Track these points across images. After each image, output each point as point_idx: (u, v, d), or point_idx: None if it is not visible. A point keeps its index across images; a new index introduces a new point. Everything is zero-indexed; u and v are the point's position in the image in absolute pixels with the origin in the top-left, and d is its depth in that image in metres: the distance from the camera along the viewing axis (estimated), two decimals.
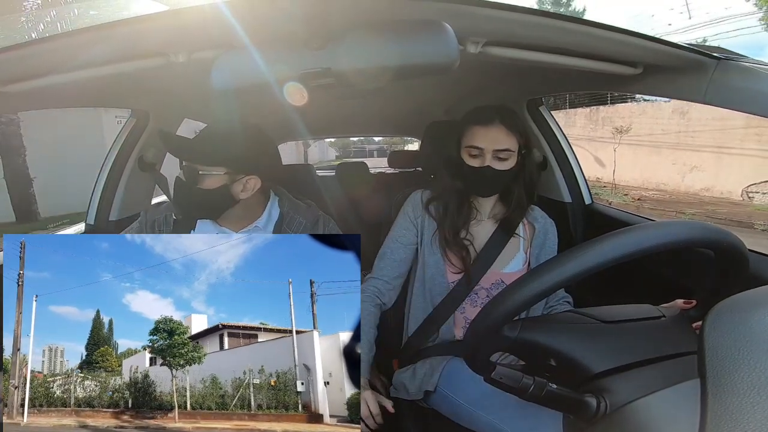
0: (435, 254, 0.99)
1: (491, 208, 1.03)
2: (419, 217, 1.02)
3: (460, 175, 0.97)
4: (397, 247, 1.02)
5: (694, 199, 8.54)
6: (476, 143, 0.93)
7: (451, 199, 0.99)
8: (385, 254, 1.03)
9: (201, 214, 0.94)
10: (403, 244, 1.02)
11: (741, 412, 0.33)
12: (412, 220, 1.02)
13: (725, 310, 0.39)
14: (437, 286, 0.99)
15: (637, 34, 0.68)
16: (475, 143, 0.93)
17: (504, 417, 0.77)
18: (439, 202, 1.01)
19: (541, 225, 1.04)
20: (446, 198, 0.99)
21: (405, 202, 1.06)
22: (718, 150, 8.35)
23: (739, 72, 0.70)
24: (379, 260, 1.03)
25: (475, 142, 0.93)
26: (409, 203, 1.04)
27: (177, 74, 0.98)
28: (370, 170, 2.81)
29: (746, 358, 0.35)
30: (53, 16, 0.77)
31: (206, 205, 0.89)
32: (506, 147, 0.92)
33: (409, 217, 1.02)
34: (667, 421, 0.40)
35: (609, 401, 0.43)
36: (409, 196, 1.06)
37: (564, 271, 0.46)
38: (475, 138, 0.93)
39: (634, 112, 10.30)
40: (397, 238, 1.02)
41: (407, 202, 1.05)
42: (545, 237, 1.03)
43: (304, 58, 0.64)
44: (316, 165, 3.98)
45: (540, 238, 1.03)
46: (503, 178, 0.94)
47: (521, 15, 0.63)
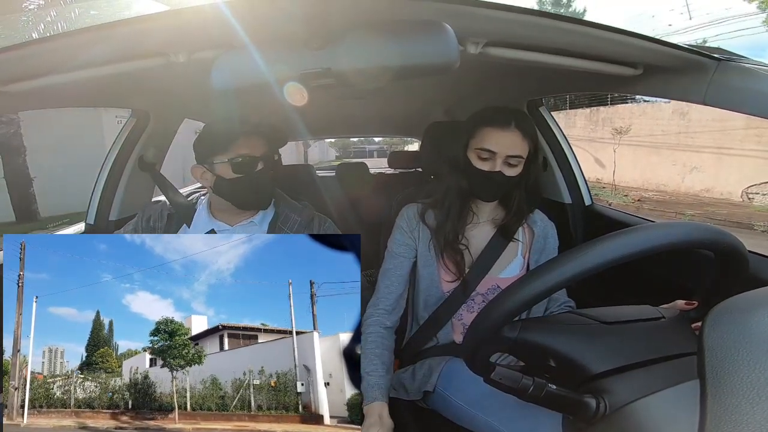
0: (430, 266, 0.97)
1: (490, 212, 1.01)
2: (414, 229, 0.99)
3: (465, 177, 0.93)
4: (400, 263, 0.98)
5: (694, 200, 8.54)
6: (489, 146, 0.88)
7: (451, 202, 0.96)
8: (389, 270, 0.99)
9: (261, 198, 0.98)
10: (407, 257, 0.99)
11: (740, 413, 0.33)
12: (408, 233, 0.99)
13: (725, 311, 0.39)
14: (431, 297, 0.98)
15: (638, 35, 0.68)
16: (488, 146, 0.88)
17: (502, 418, 0.76)
18: (436, 207, 0.98)
19: (540, 229, 1.01)
20: (446, 200, 0.96)
21: (398, 217, 1.02)
22: (718, 151, 8.36)
23: (739, 73, 0.70)
24: (383, 278, 0.99)
25: (488, 145, 0.88)
26: (403, 218, 1.01)
27: (177, 74, 0.98)
28: (370, 171, 2.81)
29: (746, 358, 0.35)
30: (54, 16, 0.78)
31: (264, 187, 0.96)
32: (519, 153, 0.89)
33: (404, 231, 0.99)
34: (667, 422, 0.40)
35: (608, 402, 0.43)
36: (402, 211, 1.02)
37: (564, 272, 0.46)
38: (487, 141, 0.89)
39: (634, 113, 10.30)
40: (397, 254, 0.99)
41: (401, 216, 1.02)
42: (545, 241, 1.01)
43: (304, 58, 0.64)
44: (316, 165, 3.98)
45: (540, 242, 1.00)
46: (510, 184, 0.92)
47: (521, 15, 0.63)
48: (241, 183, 0.91)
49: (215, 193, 0.95)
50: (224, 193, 0.93)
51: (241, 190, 0.92)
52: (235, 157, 0.90)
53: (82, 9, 0.76)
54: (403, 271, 0.98)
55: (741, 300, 0.40)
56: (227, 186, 0.92)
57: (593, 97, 11.39)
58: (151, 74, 0.81)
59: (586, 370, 0.47)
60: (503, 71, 1.22)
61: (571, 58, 0.78)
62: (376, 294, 0.98)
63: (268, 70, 0.65)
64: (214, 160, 0.91)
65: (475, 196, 0.96)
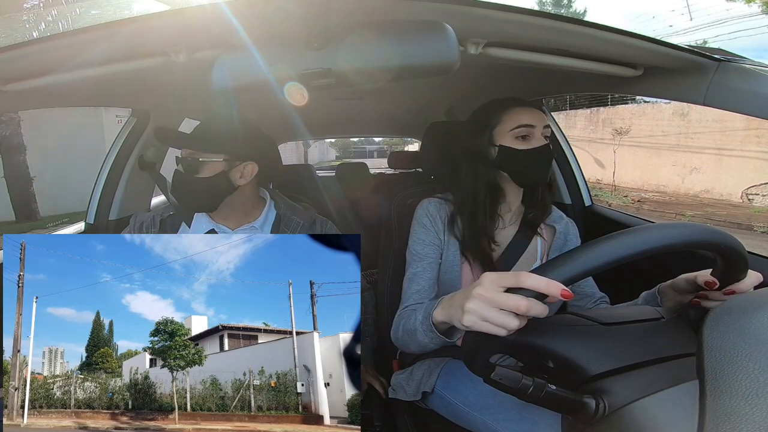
0: (453, 272, 0.91)
1: (514, 211, 0.95)
2: (440, 230, 0.91)
3: (511, 163, 0.86)
4: (428, 265, 0.90)
5: (694, 200, 8.55)
6: (526, 121, 0.84)
7: (479, 204, 0.88)
8: (417, 275, 0.90)
9: (201, 203, 0.94)
10: (434, 258, 0.91)
11: (739, 414, 0.33)
12: (433, 232, 0.91)
13: (724, 311, 0.39)
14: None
15: (638, 35, 0.68)
16: (526, 121, 0.84)
17: (501, 419, 0.76)
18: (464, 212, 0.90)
19: (562, 227, 0.96)
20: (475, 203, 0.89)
21: (419, 213, 0.94)
22: (718, 152, 8.37)
23: (739, 74, 0.70)
24: (411, 283, 0.90)
25: (525, 120, 0.84)
26: (424, 214, 0.92)
27: (177, 74, 0.98)
28: (370, 171, 2.81)
29: (745, 359, 0.35)
30: (54, 15, 0.77)
31: (206, 194, 0.91)
32: (548, 123, 0.87)
33: (428, 229, 0.91)
34: (666, 423, 0.40)
35: (608, 402, 0.43)
36: (423, 206, 0.94)
37: (563, 273, 0.46)
38: (520, 118, 0.85)
39: (635, 114, 10.31)
40: (424, 256, 0.90)
41: (422, 212, 0.93)
42: (566, 238, 0.96)
43: (305, 58, 0.64)
44: (316, 165, 3.98)
45: (560, 240, 0.96)
46: (552, 160, 0.87)
47: (522, 16, 0.63)
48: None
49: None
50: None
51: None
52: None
53: (83, 8, 0.76)
54: (432, 273, 0.90)
55: (741, 301, 0.40)
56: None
57: (593, 98, 11.40)
58: (152, 74, 0.81)
59: (585, 370, 0.47)
60: (503, 72, 1.22)
61: (572, 59, 0.78)
62: (404, 301, 0.90)
63: (268, 70, 0.65)
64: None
65: (524, 181, 0.89)
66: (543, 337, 0.51)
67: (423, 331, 0.68)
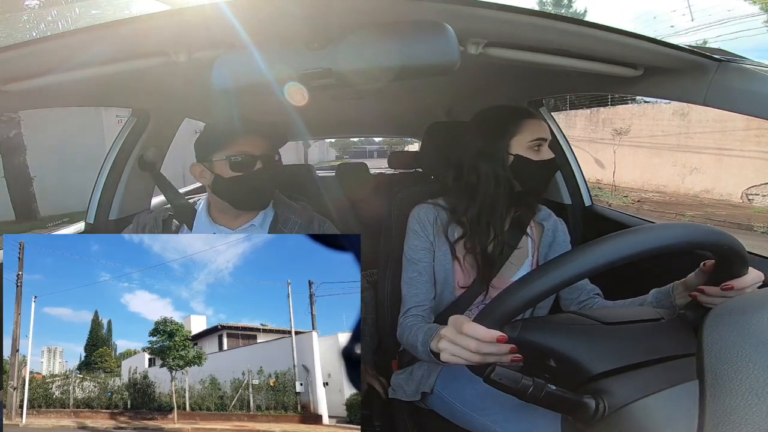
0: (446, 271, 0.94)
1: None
2: (430, 233, 0.94)
3: (524, 173, 0.88)
4: (423, 269, 0.94)
5: (694, 201, 8.55)
6: (542, 134, 0.88)
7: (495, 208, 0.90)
8: (413, 279, 0.93)
9: (265, 199, 0.98)
10: (428, 262, 0.94)
11: (739, 414, 0.33)
12: (424, 237, 0.94)
13: (724, 312, 0.39)
14: (443, 301, 0.95)
15: (638, 35, 0.68)
16: (541, 135, 0.88)
17: (501, 419, 0.76)
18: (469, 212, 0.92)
19: (550, 224, 0.99)
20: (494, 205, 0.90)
21: (411, 221, 0.97)
22: (719, 152, 8.37)
23: (740, 74, 0.70)
24: (409, 287, 0.94)
25: (541, 134, 0.88)
26: (416, 221, 0.95)
27: (177, 74, 0.98)
28: (370, 171, 2.81)
29: (744, 360, 0.35)
30: (54, 15, 0.77)
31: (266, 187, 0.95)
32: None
33: (420, 235, 0.94)
34: (666, 423, 0.40)
35: (608, 402, 0.43)
36: (414, 214, 0.97)
37: (563, 273, 0.46)
38: (536, 131, 0.88)
39: (635, 114, 10.32)
40: (418, 260, 0.94)
41: (413, 220, 0.96)
42: (554, 235, 0.99)
43: (305, 58, 0.64)
44: (316, 165, 3.98)
45: (549, 237, 0.98)
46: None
47: (522, 16, 0.63)
48: (238, 182, 0.90)
49: (213, 192, 0.94)
50: (222, 192, 0.92)
51: (239, 189, 0.91)
52: (234, 155, 0.89)
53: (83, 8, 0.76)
54: (427, 276, 0.94)
55: (740, 301, 0.40)
56: (225, 185, 0.91)
57: (593, 98, 11.41)
58: (152, 74, 0.81)
59: (585, 370, 0.47)
60: (504, 72, 1.22)
61: (572, 59, 0.78)
62: (404, 305, 0.94)
63: (269, 70, 0.65)
64: (213, 158, 0.90)
65: (532, 189, 0.92)
66: (544, 336, 0.51)
67: (422, 352, 0.77)
